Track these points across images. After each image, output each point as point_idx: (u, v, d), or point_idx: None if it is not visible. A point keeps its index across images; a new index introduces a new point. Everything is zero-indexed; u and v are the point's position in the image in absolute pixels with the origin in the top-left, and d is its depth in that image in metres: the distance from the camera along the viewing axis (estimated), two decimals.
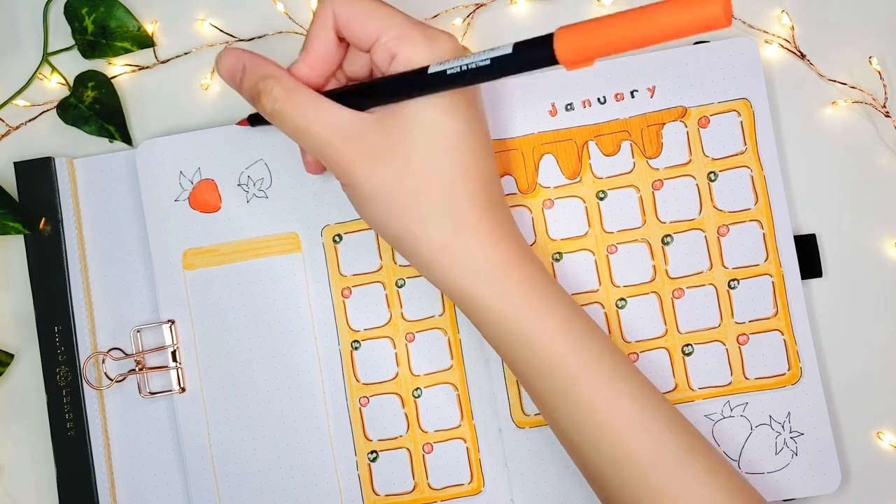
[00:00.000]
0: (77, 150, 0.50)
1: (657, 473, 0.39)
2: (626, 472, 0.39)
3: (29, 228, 0.48)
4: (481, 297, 0.40)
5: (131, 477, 0.48)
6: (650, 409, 0.40)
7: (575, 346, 0.40)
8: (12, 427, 0.50)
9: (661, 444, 0.39)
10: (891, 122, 0.49)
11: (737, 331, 0.47)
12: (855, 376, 0.48)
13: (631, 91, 0.48)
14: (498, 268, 0.39)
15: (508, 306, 0.39)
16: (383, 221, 0.40)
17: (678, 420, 0.41)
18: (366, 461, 0.48)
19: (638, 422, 0.39)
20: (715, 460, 0.40)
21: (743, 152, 0.47)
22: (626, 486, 0.39)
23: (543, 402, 0.41)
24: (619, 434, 0.39)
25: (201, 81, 0.50)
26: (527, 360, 0.40)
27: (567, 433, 0.41)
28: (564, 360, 0.39)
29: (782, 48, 0.49)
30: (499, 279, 0.39)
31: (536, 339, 0.39)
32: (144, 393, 0.48)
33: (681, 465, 0.39)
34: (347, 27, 0.39)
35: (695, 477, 0.39)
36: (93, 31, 0.49)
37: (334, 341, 0.48)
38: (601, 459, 0.40)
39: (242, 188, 0.48)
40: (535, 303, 0.40)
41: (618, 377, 0.40)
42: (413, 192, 0.39)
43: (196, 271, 0.48)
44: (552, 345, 0.39)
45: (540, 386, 0.41)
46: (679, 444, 0.40)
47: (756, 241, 0.47)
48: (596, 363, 0.40)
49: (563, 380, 0.40)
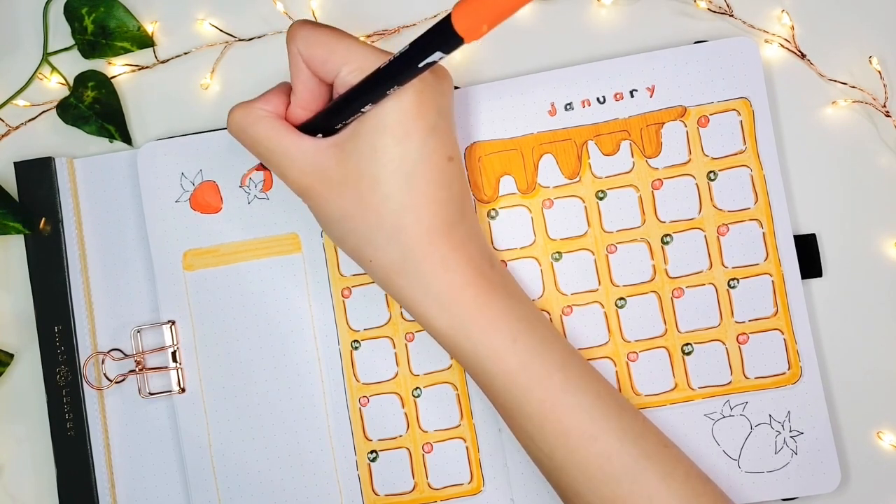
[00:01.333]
0: (77, 149, 0.50)
1: (608, 484, 0.40)
2: (579, 483, 0.40)
3: (29, 228, 0.48)
4: (432, 318, 0.40)
5: (131, 477, 0.48)
6: (602, 419, 0.40)
7: (523, 363, 0.40)
8: (12, 427, 0.50)
9: (610, 454, 0.40)
10: (891, 122, 0.49)
11: (736, 330, 0.47)
12: (855, 376, 0.48)
13: (630, 91, 0.48)
14: (447, 291, 0.40)
15: (457, 327, 0.40)
16: (340, 241, 0.41)
17: (635, 428, 0.41)
18: (365, 461, 0.48)
19: (586, 433, 0.40)
20: (673, 465, 0.41)
21: (743, 152, 0.47)
22: (581, 496, 0.40)
23: (502, 414, 0.42)
24: (570, 446, 0.40)
25: (201, 81, 0.50)
26: (480, 377, 0.41)
27: (526, 444, 0.42)
28: (514, 377, 0.40)
29: (782, 48, 0.49)
30: (448, 302, 0.40)
31: (485, 359, 0.40)
32: (144, 393, 0.48)
33: (633, 474, 0.40)
34: (311, 65, 0.40)
35: (647, 484, 0.40)
36: (93, 30, 0.49)
37: (334, 341, 0.48)
38: (555, 468, 0.41)
39: (243, 189, 0.48)
40: (485, 324, 0.40)
41: (568, 390, 0.40)
42: (364, 218, 0.39)
43: (196, 272, 0.48)
44: (502, 364, 0.40)
45: (497, 401, 0.42)
46: (630, 453, 0.40)
47: (756, 241, 0.47)
48: (545, 378, 0.40)
49: (514, 396, 0.40)
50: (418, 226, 0.39)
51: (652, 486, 0.40)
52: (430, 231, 0.40)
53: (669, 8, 0.49)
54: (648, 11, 0.49)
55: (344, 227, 0.40)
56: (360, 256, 0.41)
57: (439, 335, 0.41)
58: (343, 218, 0.40)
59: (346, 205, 0.40)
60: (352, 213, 0.40)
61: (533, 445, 0.41)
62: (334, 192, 0.40)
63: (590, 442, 0.40)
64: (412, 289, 0.40)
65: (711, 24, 0.49)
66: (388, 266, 0.40)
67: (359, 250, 0.41)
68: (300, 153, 0.40)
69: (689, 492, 0.40)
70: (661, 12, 0.49)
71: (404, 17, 0.50)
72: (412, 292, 0.40)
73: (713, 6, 0.49)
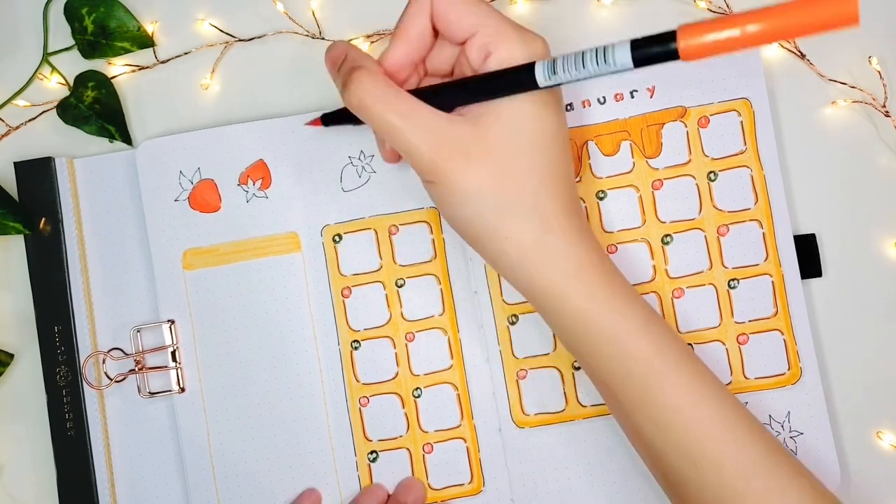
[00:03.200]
0: (77, 150, 0.50)
1: (740, 476, 0.38)
2: (707, 475, 0.38)
3: (29, 228, 0.48)
4: (568, 296, 0.39)
5: (131, 476, 0.48)
6: (731, 412, 0.39)
7: (658, 348, 0.39)
8: (12, 427, 0.50)
9: (744, 447, 0.39)
10: (891, 122, 0.49)
11: (736, 330, 0.47)
12: (854, 376, 0.48)
13: (630, 91, 0.48)
14: (583, 267, 0.39)
15: (594, 306, 0.39)
16: (471, 221, 0.39)
17: (757, 423, 0.40)
18: (366, 461, 0.48)
19: (720, 424, 0.39)
20: (796, 464, 0.40)
21: (743, 152, 0.47)
22: (707, 488, 0.39)
23: (622, 404, 0.40)
24: (703, 436, 0.39)
25: (201, 81, 0.50)
26: (609, 361, 0.39)
27: (646, 435, 0.40)
28: (649, 361, 0.39)
29: (782, 48, 0.49)
30: (584, 279, 0.39)
31: (620, 340, 0.39)
32: (144, 393, 0.48)
33: (764, 468, 0.39)
34: (445, 17, 0.39)
35: (778, 480, 0.38)
36: (93, 31, 0.49)
37: (334, 341, 0.48)
38: (682, 462, 0.39)
39: (242, 188, 0.48)
40: (619, 304, 0.39)
41: (699, 380, 0.39)
42: (504, 192, 0.38)
43: (196, 271, 0.48)
44: (636, 346, 0.39)
45: (620, 389, 0.40)
46: (760, 448, 0.39)
47: (756, 241, 0.47)
48: (677, 365, 0.39)
49: (646, 382, 0.39)
50: (555, 199, 0.39)
51: (784, 480, 0.38)
52: (565, 204, 0.39)
53: (669, 8, 0.49)
54: (648, 11, 0.49)
55: (478, 203, 0.38)
56: (494, 234, 0.39)
57: (572, 315, 0.39)
58: (479, 193, 0.38)
59: (482, 179, 0.38)
60: (489, 187, 0.38)
61: (660, 436, 0.39)
62: (472, 165, 0.38)
63: (725, 430, 0.39)
64: (547, 266, 0.39)
65: None
66: (526, 241, 0.38)
67: (493, 228, 0.39)
68: (436, 126, 0.38)
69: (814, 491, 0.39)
70: (661, 12, 0.49)
71: None
72: (547, 270, 0.39)
73: (713, 6, 0.49)
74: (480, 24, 0.38)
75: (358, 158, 0.48)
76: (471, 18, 0.38)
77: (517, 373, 0.48)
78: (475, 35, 0.38)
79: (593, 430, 0.47)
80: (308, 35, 0.50)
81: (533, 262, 0.39)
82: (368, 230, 0.48)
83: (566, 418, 0.47)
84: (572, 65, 0.35)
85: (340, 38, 0.50)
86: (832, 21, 0.30)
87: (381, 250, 0.48)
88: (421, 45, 0.40)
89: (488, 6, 0.39)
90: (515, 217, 0.38)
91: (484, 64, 0.38)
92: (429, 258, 0.48)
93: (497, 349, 0.48)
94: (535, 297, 0.40)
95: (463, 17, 0.39)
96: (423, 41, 0.40)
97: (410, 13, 0.40)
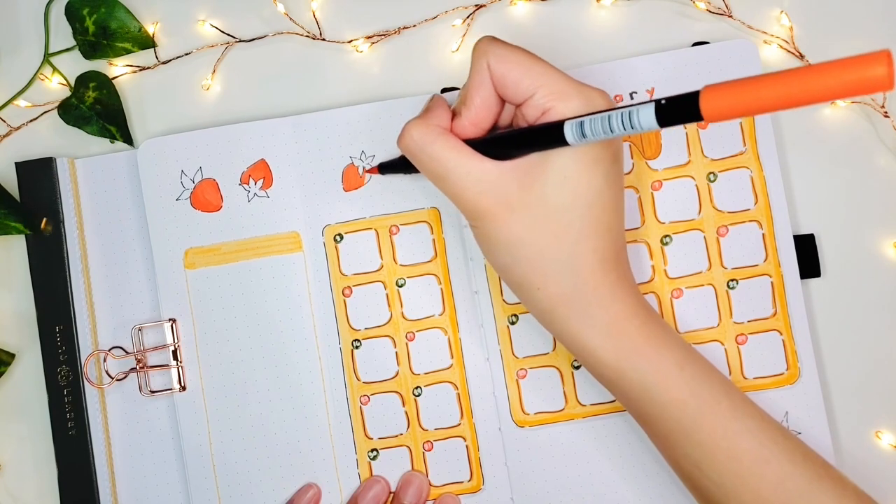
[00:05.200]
0: (78, 150, 0.50)
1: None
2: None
3: (30, 228, 0.48)
4: (598, 349, 0.40)
5: (132, 475, 0.48)
6: (770, 442, 0.40)
7: (692, 391, 0.40)
8: (13, 426, 0.50)
9: (784, 477, 0.39)
10: (890, 123, 0.49)
11: (735, 331, 0.47)
12: (853, 376, 0.48)
13: (630, 92, 0.48)
14: (615, 322, 0.39)
15: (625, 358, 0.39)
16: (507, 268, 0.40)
17: (800, 449, 0.40)
18: (366, 459, 0.48)
19: (759, 457, 0.39)
20: (843, 488, 0.40)
21: (743, 153, 0.48)
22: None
23: (663, 443, 0.41)
24: (740, 472, 0.39)
25: (202, 82, 0.50)
26: (645, 406, 0.40)
27: (690, 472, 0.41)
28: (683, 405, 0.39)
29: (781, 49, 0.49)
30: (615, 333, 0.39)
31: (654, 388, 0.40)
32: (145, 391, 0.48)
33: (806, 494, 0.39)
34: (502, 83, 0.39)
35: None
36: (94, 31, 0.50)
37: (335, 340, 0.48)
38: (724, 496, 0.40)
39: (243, 187, 0.48)
40: (652, 353, 0.40)
41: (736, 416, 0.40)
42: (540, 245, 0.39)
43: (197, 270, 0.48)
44: (670, 393, 0.39)
45: (660, 429, 0.41)
46: (803, 475, 0.39)
47: (755, 242, 0.47)
48: (713, 404, 0.40)
49: (683, 424, 0.40)
50: (594, 255, 0.39)
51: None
52: (604, 260, 0.39)
53: (669, 9, 0.50)
54: (648, 12, 0.50)
55: (515, 253, 0.39)
56: (528, 284, 0.40)
57: (604, 367, 0.40)
58: (516, 244, 0.39)
59: (521, 230, 0.39)
60: (526, 239, 0.39)
61: (700, 474, 0.40)
62: (513, 216, 0.39)
63: (763, 466, 0.39)
64: (578, 320, 0.39)
65: (711, 25, 0.49)
66: (557, 296, 0.39)
67: (526, 278, 0.39)
68: (482, 174, 0.39)
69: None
70: (660, 13, 0.50)
71: (404, 18, 0.50)
72: (577, 324, 0.39)
73: (712, 7, 0.49)
74: (538, 85, 0.38)
75: (359, 158, 0.48)
76: (528, 81, 0.38)
77: (517, 372, 0.48)
78: (533, 96, 0.39)
79: (593, 430, 0.47)
80: (308, 36, 0.50)
81: (564, 315, 0.40)
82: (369, 230, 0.48)
83: (566, 417, 0.48)
84: (599, 126, 0.36)
85: (340, 38, 0.50)
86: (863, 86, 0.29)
87: (382, 250, 0.48)
88: (487, 113, 0.40)
89: (545, 65, 0.39)
90: (549, 270, 0.39)
91: (540, 119, 0.39)
92: (429, 258, 0.48)
93: (497, 349, 0.48)
94: (567, 346, 0.41)
95: (520, 81, 0.39)
96: (489, 109, 0.40)
97: (473, 83, 0.40)
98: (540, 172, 0.38)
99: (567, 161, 0.38)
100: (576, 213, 0.38)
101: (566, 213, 0.38)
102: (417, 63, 0.50)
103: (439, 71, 0.50)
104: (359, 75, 0.50)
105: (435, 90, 0.49)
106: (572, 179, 0.38)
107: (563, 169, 0.38)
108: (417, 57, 0.50)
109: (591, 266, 0.39)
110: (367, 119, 0.48)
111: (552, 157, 0.38)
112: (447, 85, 0.49)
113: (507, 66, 0.39)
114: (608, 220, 0.39)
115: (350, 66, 0.50)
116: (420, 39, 0.50)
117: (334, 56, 0.50)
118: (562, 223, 0.38)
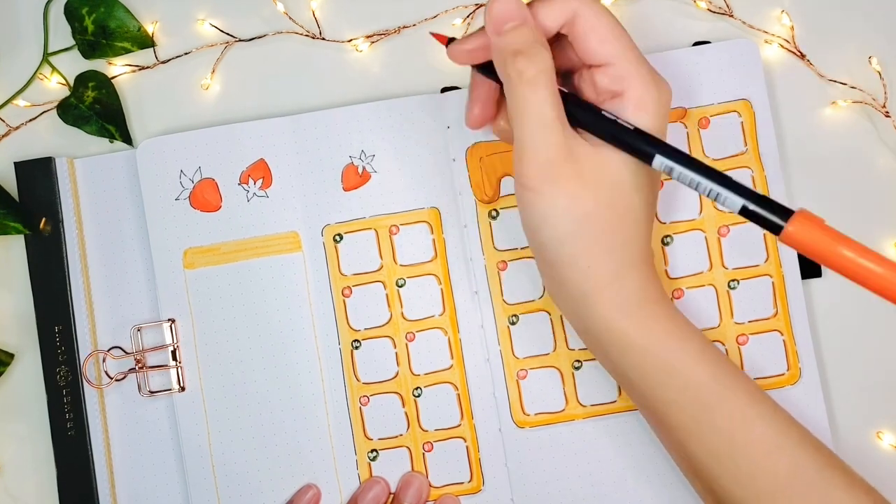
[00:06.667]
0: (77, 149, 0.50)
1: (794, 492, 0.39)
2: (762, 494, 0.39)
3: (29, 228, 0.48)
4: (629, 328, 0.40)
5: (131, 476, 0.48)
6: (784, 429, 0.40)
7: (713, 374, 0.40)
8: (13, 426, 0.50)
9: (796, 463, 0.39)
10: (891, 122, 0.49)
11: (736, 331, 0.47)
12: (854, 376, 0.48)
13: None
14: (645, 302, 0.40)
15: (652, 339, 0.40)
16: (561, 242, 0.39)
17: (810, 439, 0.40)
18: (366, 460, 0.48)
19: (772, 443, 0.39)
20: (852, 477, 0.40)
21: (744, 152, 0.47)
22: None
23: (675, 433, 0.41)
24: (755, 457, 0.39)
25: (201, 81, 0.50)
26: (665, 391, 0.40)
27: (699, 460, 0.41)
28: (703, 389, 0.40)
29: (782, 48, 0.49)
30: (645, 313, 0.40)
31: (677, 370, 0.40)
32: (144, 392, 0.48)
33: (818, 483, 0.39)
34: (585, 34, 0.38)
35: (833, 494, 0.39)
36: (93, 31, 0.49)
37: (334, 340, 0.48)
38: (735, 484, 0.40)
39: (243, 187, 0.48)
40: (677, 335, 0.40)
41: (752, 402, 0.40)
42: (603, 223, 0.38)
43: (196, 270, 0.48)
44: (692, 374, 0.40)
45: (675, 417, 0.40)
46: (814, 462, 0.39)
47: (756, 242, 0.47)
48: (733, 388, 0.40)
49: (700, 409, 0.40)
50: (643, 238, 0.40)
51: (838, 497, 0.39)
52: (647, 243, 0.40)
53: (669, 8, 0.50)
54: (648, 12, 0.50)
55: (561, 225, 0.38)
56: (575, 263, 0.39)
57: (630, 349, 0.40)
58: (582, 218, 0.38)
59: (588, 205, 0.38)
60: (594, 215, 0.38)
61: (715, 463, 0.40)
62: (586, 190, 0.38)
63: (778, 452, 0.39)
64: (611, 301, 0.39)
65: (711, 25, 0.49)
66: (605, 275, 0.39)
67: (578, 255, 0.39)
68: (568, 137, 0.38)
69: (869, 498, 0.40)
70: (661, 13, 0.50)
71: (404, 18, 0.50)
72: (610, 305, 0.39)
73: (713, 7, 0.49)
74: (619, 54, 0.38)
75: (358, 158, 0.48)
76: (612, 45, 0.38)
77: (517, 373, 0.48)
78: (610, 65, 0.38)
79: (593, 430, 0.47)
80: (308, 35, 0.50)
81: (600, 297, 0.39)
82: (369, 230, 0.48)
83: (566, 418, 0.47)
84: (686, 179, 0.38)
85: (340, 38, 0.50)
86: None
87: (382, 250, 0.48)
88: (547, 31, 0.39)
89: (629, 39, 0.39)
90: (603, 248, 0.39)
91: (613, 101, 0.39)
92: (429, 258, 0.48)
93: (497, 349, 0.48)
94: (590, 331, 0.41)
95: (604, 41, 0.38)
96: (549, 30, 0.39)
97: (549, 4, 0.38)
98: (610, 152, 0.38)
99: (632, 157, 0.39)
100: (639, 196, 0.39)
101: (633, 194, 0.39)
102: (417, 62, 0.50)
103: (439, 71, 0.50)
104: (358, 75, 0.50)
105: (435, 90, 0.49)
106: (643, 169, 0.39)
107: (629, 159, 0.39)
108: (417, 56, 0.50)
109: (640, 248, 0.40)
110: (367, 118, 0.48)
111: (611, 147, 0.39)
112: (447, 84, 0.49)
113: (598, 21, 0.38)
114: (653, 202, 0.41)
115: (350, 65, 0.50)
116: (420, 39, 0.50)
117: (334, 55, 0.50)
118: (627, 203, 0.39)
